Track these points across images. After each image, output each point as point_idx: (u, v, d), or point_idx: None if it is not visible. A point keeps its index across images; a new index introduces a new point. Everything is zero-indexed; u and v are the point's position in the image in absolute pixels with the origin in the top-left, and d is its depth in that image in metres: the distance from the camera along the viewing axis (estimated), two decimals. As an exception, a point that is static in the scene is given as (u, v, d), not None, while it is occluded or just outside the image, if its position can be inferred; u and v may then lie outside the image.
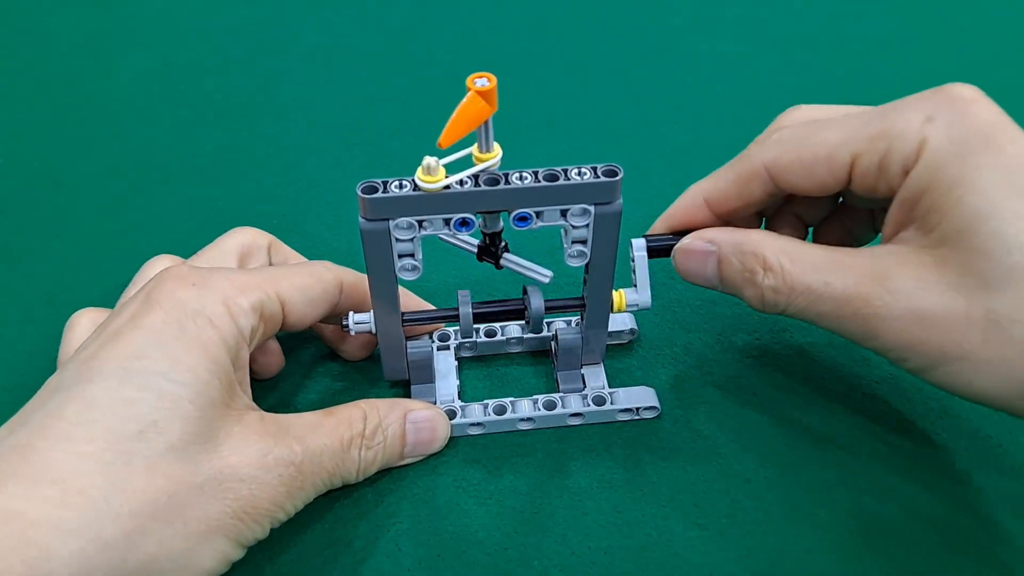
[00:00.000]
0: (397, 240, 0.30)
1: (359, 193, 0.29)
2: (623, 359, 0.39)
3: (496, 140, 0.30)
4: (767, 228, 0.37)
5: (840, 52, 0.69)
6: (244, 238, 0.36)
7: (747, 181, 0.33)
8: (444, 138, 0.27)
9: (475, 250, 0.33)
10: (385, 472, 0.34)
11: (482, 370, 0.38)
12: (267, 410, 0.31)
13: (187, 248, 0.37)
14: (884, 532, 0.31)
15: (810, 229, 0.37)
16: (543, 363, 0.39)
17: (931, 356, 0.28)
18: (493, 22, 0.74)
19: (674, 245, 0.34)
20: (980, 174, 0.27)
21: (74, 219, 0.50)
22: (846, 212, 0.36)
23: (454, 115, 0.27)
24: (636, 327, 0.39)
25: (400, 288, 0.35)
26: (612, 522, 0.32)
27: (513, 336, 0.38)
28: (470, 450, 0.35)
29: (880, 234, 0.31)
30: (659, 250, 0.35)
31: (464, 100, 0.27)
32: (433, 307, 0.39)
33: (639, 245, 0.35)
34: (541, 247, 0.43)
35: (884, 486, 0.33)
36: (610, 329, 0.38)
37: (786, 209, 0.36)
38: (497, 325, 0.38)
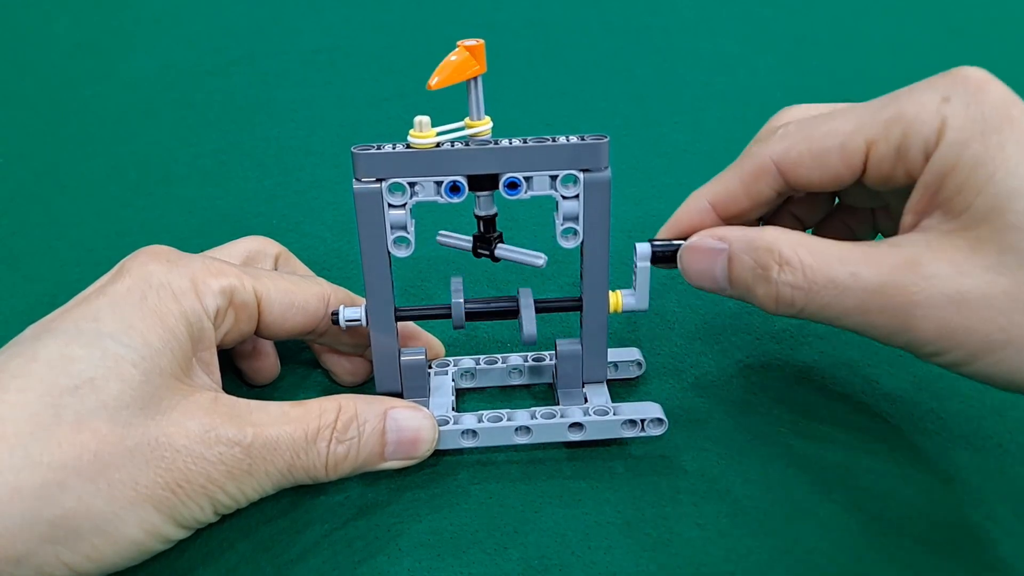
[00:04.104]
0: (390, 206, 0.31)
1: (353, 152, 0.30)
2: (628, 389, 0.38)
3: (493, 136, 0.31)
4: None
5: (840, 52, 0.69)
6: (252, 244, 0.37)
7: (755, 179, 0.32)
8: (432, 80, 0.28)
9: (470, 245, 0.33)
10: (383, 473, 0.34)
11: (480, 397, 0.38)
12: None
13: (188, 249, 0.37)
14: (884, 532, 0.31)
15: (807, 231, 0.36)
16: (546, 397, 0.38)
17: (973, 345, 0.26)
18: (493, 22, 0.74)
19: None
20: (1005, 150, 0.26)
21: (75, 219, 0.50)
22: (846, 212, 0.36)
23: (443, 62, 0.29)
24: (643, 360, 0.37)
25: (406, 325, 0.34)
26: (612, 522, 0.32)
27: (514, 365, 0.37)
28: (469, 455, 0.35)
29: (888, 230, 0.30)
30: (665, 256, 0.33)
31: (452, 53, 0.29)
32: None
33: (643, 251, 0.34)
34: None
35: (884, 486, 0.33)
36: (616, 359, 0.37)
37: (783, 211, 0.35)
38: (498, 355, 0.38)
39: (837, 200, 0.36)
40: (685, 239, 0.33)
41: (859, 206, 0.35)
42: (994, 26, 0.73)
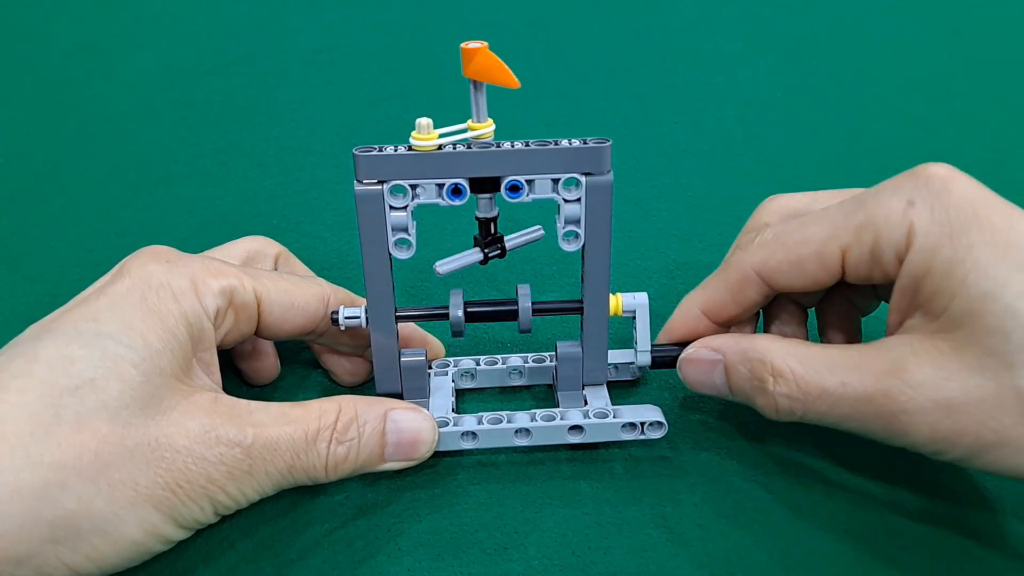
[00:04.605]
0: (391, 208, 0.31)
1: (355, 153, 0.30)
2: (629, 391, 0.38)
3: (495, 139, 0.31)
4: (764, 317, 0.36)
5: (840, 52, 0.69)
6: (252, 245, 0.37)
7: (740, 288, 0.33)
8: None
9: (476, 258, 0.33)
10: (383, 473, 0.33)
11: (480, 398, 0.38)
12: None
13: (188, 249, 0.37)
14: (884, 532, 0.31)
15: (810, 310, 0.36)
16: (546, 397, 0.38)
17: (968, 446, 0.27)
18: (493, 21, 0.74)
19: (678, 355, 0.34)
20: (974, 252, 0.27)
21: (75, 219, 0.50)
22: (847, 287, 0.35)
23: (500, 61, 0.28)
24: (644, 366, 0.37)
25: (405, 326, 0.34)
26: (612, 522, 0.32)
27: (515, 366, 0.37)
28: (469, 453, 0.35)
29: (886, 321, 0.30)
30: (664, 361, 0.35)
31: (485, 52, 0.28)
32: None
33: (642, 300, 0.34)
34: (541, 256, 0.44)
35: (884, 486, 0.33)
36: (616, 361, 0.37)
37: (782, 297, 0.35)
38: (498, 356, 0.38)
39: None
40: (681, 344, 0.34)
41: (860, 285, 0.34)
42: (994, 26, 0.73)
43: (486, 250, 0.33)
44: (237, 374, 0.38)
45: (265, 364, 0.37)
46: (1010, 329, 0.26)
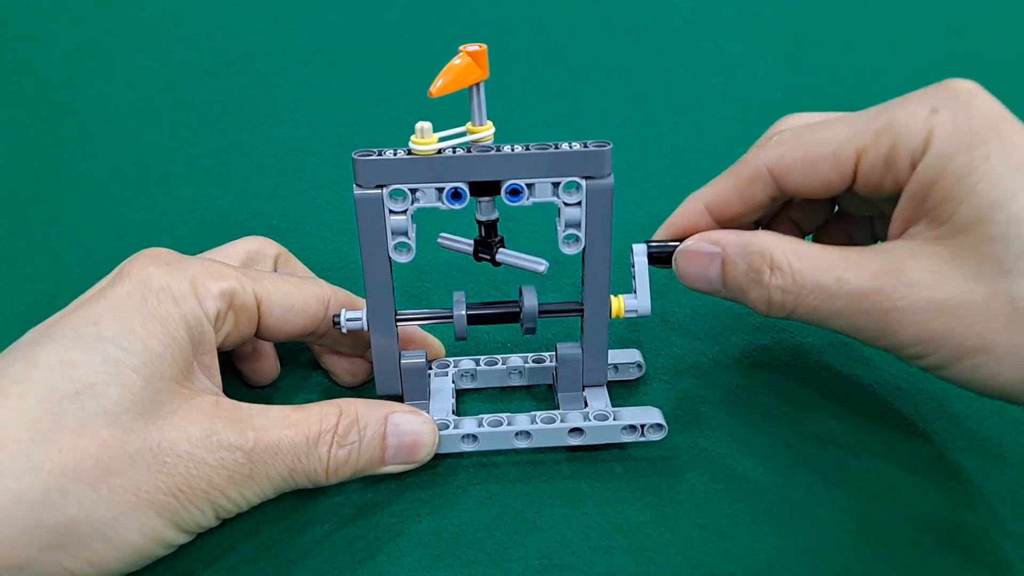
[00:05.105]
0: (391, 212, 0.31)
1: (354, 158, 0.30)
2: (629, 391, 0.38)
3: (495, 142, 0.31)
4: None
5: (840, 52, 0.69)
6: (252, 245, 0.36)
7: (749, 184, 0.33)
8: (434, 87, 0.28)
9: (471, 249, 0.33)
10: (383, 475, 0.33)
11: (481, 399, 0.38)
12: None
13: (188, 249, 0.37)
14: (884, 532, 0.31)
15: (808, 237, 0.37)
16: (546, 397, 0.38)
17: (952, 350, 0.27)
18: (493, 21, 0.74)
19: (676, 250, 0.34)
20: (990, 162, 0.27)
21: (76, 220, 0.50)
22: (844, 218, 0.36)
23: (445, 67, 0.28)
24: (643, 362, 0.38)
25: (405, 326, 0.35)
26: (612, 522, 0.32)
27: (515, 366, 0.37)
28: (468, 459, 0.35)
29: (887, 234, 0.31)
30: (661, 257, 0.34)
31: (455, 58, 0.28)
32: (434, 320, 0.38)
33: (639, 250, 0.34)
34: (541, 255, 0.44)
35: (884, 486, 0.33)
36: (616, 361, 0.37)
37: (783, 216, 0.36)
38: (498, 357, 0.38)
39: (836, 207, 0.36)
40: (681, 240, 0.34)
41: (857, 213, 0.35)
42: (994, 26, 0.73)
43: (480, 251, 0.33)
44: (237, 375, 0.38)
45: (265, 365, 0.37)
46: (1012, 237, 0.26)
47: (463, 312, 0.34)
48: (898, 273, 0.28)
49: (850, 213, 0.35)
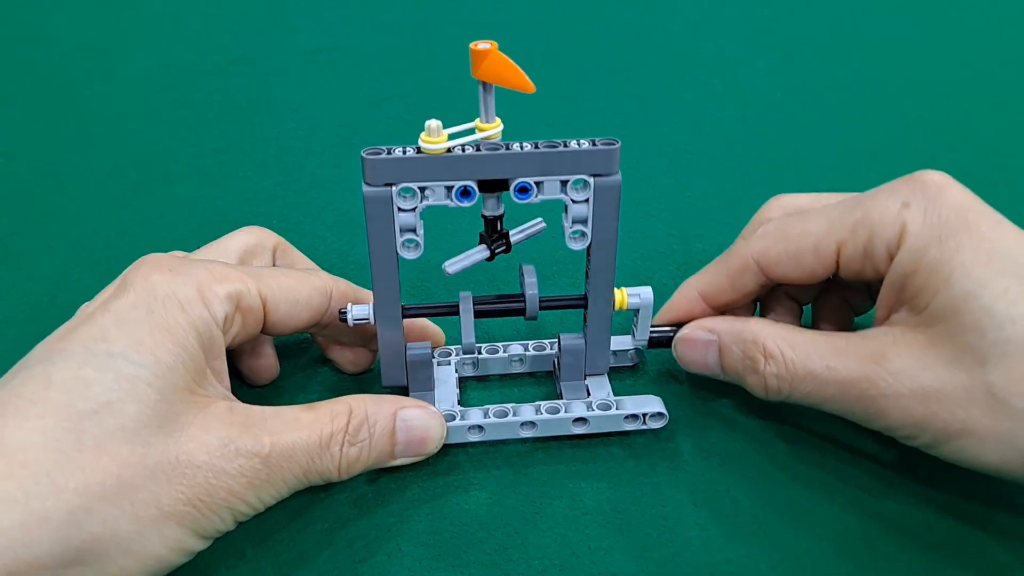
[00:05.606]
0: (399, 210, 0.31)
1: (363, 156, 0.30)
2: (628, 377, 0.38)
3: (503, 139, 0.31)
4: (761, 310, 0.38)
5: (840, 52, 0.69)
6: (249, 238, 0.36)
7: (739, 275, 0.34)
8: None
9: (484, 254, 0.33)
10: (384, 471, 0.34)
11: (483, 387, 0.38)
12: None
13: (188, 248, 0.37)
14: (884, 532, 0.31)
15: (806, 307, 0.38)
16: (547, 383, 0.38)
17: (937, 433, 0.29)
18: (494, 21, 0.74)
19: (674, 335, 0.35)
20: (960, 255, 0.28)
21: (76, 219, 0.50)
22: (842, 286, 0.36)
23: (512, 64, 0.28)
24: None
25: (411, 319, 0.35)
26: (612, 522, 0.32)
27: (516, 354, 0.38)
28: (471, 451, 0.35)
29: (874, 316, 0.32)
30: (660, 341, 0.36)
31: (496, 54, 0.28)
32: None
33: (646, 293, 0.35)
34: (541, 256, 0.44)
35: (883, 487, 0.33)
36: (615, 348, 0.38)
37: (779, 290, 0.37)
38: (499, 344, 0.38)
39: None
40: (678, 326, 0.36)
41: (852, 282, 0.35)
42: (994, 26, 0.73)
43: (492, 247, 0.33)
44: (236, 375, 0.38)
45: (264, 364, 0.37)
46: (986, 327, 0.27)
47: (470, 316, 0.34)
48: (882, 360, 0.29)
49: (845, 282, 0.35)
